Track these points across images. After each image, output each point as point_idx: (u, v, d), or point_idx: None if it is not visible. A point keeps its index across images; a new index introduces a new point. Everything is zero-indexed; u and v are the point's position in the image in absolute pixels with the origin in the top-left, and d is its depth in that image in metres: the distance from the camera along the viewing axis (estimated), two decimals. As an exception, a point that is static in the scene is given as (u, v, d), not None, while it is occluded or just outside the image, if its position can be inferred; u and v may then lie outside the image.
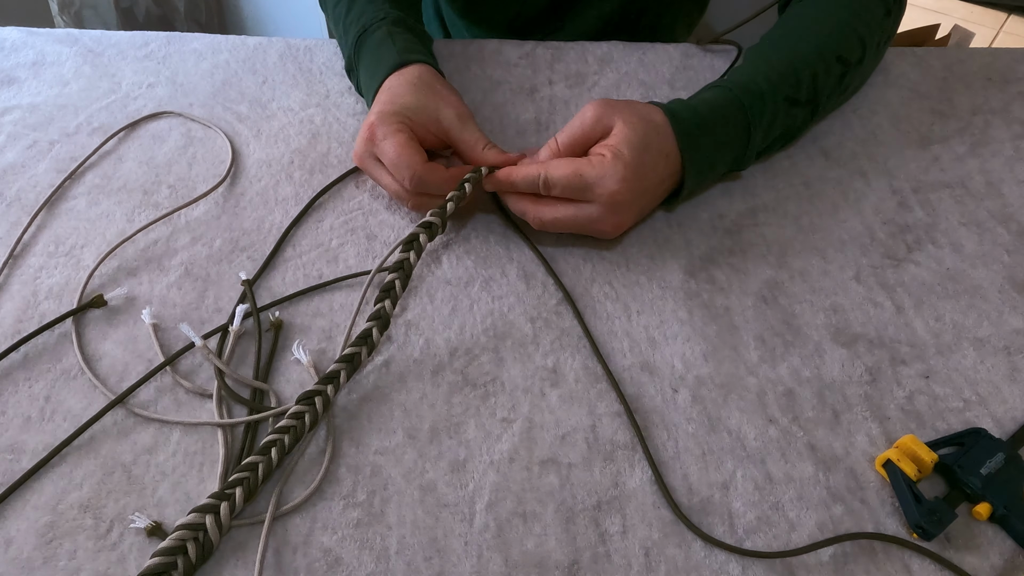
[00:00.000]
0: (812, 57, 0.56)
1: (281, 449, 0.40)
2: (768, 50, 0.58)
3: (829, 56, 0.56)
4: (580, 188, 0.48)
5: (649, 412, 0.44)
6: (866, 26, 0.58)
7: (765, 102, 0.53)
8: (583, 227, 0.50)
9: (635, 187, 0.48)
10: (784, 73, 0.54)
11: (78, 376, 0.45)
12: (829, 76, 0.56)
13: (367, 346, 0.44)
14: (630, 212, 0.50)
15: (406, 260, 0.47)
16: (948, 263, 0.52)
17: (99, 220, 0.54)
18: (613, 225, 0.50)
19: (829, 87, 0.57)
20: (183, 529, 0.36)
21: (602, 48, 0.71)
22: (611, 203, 0.48)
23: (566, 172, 0.48)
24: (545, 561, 0.38)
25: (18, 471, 0.40)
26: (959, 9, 1.82)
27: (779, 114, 0.54)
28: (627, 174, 0.47)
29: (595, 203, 0.48)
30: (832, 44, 0.57)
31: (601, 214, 0.49)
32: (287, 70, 0.68)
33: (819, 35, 0.57)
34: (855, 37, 0.58)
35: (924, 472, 0.41)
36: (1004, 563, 0.38)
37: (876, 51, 0.61)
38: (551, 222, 0.50)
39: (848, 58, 0.57)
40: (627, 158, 0.47)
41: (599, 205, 0.48)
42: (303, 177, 0.58)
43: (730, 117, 0.52)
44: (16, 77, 0.66)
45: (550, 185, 0.48)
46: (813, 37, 0.57)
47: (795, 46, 0.57)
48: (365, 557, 0.38)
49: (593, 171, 0.48)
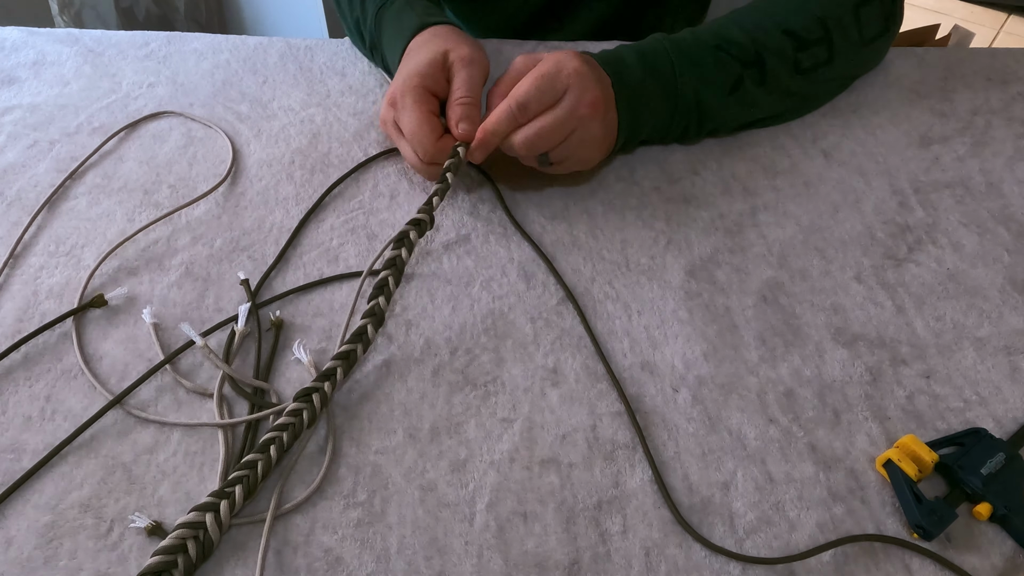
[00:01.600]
0: (749, 25, 0.57)
1: (280, 447, 0.40)
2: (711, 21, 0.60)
3: (770, 26, 0.57)
4: (549, 87, 0.50)
5: (649, 412, 0.44)
6: (825, 8, 0.59)
7: (684, 41, 0.56)
8: (568, 123, 0.50)
9: (588, 63, 0.51)
10: (712, 29, 0.57)
11: (79, 376, 0.45)
12: (772, 45, 0.57)
13: (362, 343, 0.44)
14: (596, 87, 0.51)
15: (398, 256, 0.47)
16: (949, 263, 0.52)
17: (100, 220, 0.54)
18: (589, 105, 0.50)
19: (775, 57, 0.57)
20: (183, 528, 0.36)
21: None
22: (579, 80, 0.50)
23: (530, 83, 0.50)
24: (545, 561, 0.38)
25: (18, 471, 0.40)
26: (959, 9, 1.82)
27: (706, 57, 0.55)
28: (578, 56, 0.51)
29: (567, 91, 0.50)
30: (776, 18, 0.58)
31: (575, 99, 0.50)
32: (288, 70, 0.68)
33: (761, 11, 0.59)
34: (810, 16, 0.58)
35: (924, 472, 0.41)
36: (1005, 563, 0.38)
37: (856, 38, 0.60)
38: (537, 136, 0.50)
39: (800, 35, 0.58)
40: (569, 52, 0.51)
41: (570, 90, 0.50)
42: (304, 177, 0.58)
43: (645, 52, 0.55)
44: (16, 77, 0.66)
45: (523, 105, 0.50)
46: (754, 12, 0.59)
47: (736, 17, 0.59)
48: (366, 557, 0.38)
49: (549, 66, 0.50)
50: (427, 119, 0.53)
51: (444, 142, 0.53)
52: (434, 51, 0.54)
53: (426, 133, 0.52)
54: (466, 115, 0.52)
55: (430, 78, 0.53)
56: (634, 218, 0.55)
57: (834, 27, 0.59)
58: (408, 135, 0.53)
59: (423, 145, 0.52)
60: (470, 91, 0.53)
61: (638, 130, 0.56)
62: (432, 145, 0.52)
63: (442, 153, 0.52)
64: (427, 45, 0.55)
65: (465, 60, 0.54)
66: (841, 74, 0.64)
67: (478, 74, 0.54)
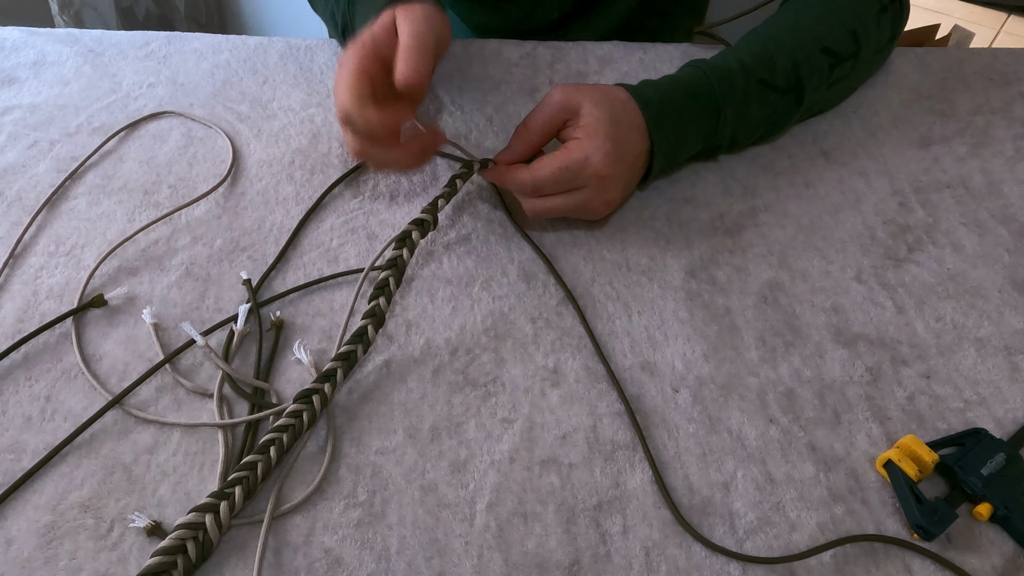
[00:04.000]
0: (791, 46, 0.56)
1: (280, 448, 0.40)
2: (748, 38, 0.58)
3: (811, 46, 0.57)
4: (569, 179, 0.49)
5: (649, 412, 0.44)
6: (858, 20, 0.59)
7: (734, 81, 0.54)
8: (575, 212, 0.51)
9: (617, 161, 0.49)
10: (759, 57, 0.55)
11: (79, 376, 0.45)
12: (813, 66, 0.56)
13: (363, 343, 0.44)
14: (617, 187, 0.50)
15: (399, 257, 0.47)
16: (949, 263, 0.52)
17: (100, 220, 0.54)
18: (603, 203, 0.50)
19: (814, 78, 0.57)
20: (182, 528, 0.36)
21: (603, 48, 0.70)
22: (599, 183, 0.49)
23: (553, 169, 0.49)
24: (546, 561, 0.38)
25: (18, 471, 0.40)
26: (959, 9, 1.82)
27: (752, 95, 0.54)
28: (608, 149, 0.48)
29: (585, 187, 0.49)
30: (816, 35, 0.57)
31: (591, 195, 0.49)
32: (288, 70, 0.68)
33: (802, 26, 0.58)
34: (844, 30, 0.58)
35: (925, 472, 0.41)
36: (1005, 563, 0.38)
37: (874, 46, 0.61)
38: (543, 211, 0.51)
39: (836, 50, 0.57)
40: (603, 133, 0.48)
41: (589, 188, 0.49)
42: (304, 177, 0.58)
43: (698, 93, 0.53)
44: (17, 77, 0.66)
45: (540, 188, 0.49)
46: (795, 28, 0.58)
47: (775, 36, 0.57)
48: (366, 557, 0.38)
49: (576, 157, 0.48)
50: (355, 77, 0.46)
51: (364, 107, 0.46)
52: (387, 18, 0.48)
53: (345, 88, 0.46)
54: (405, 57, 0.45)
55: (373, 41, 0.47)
56: (634, 218, 0.55)
57: (862, 37, 0.59)
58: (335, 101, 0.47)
59: (339, 100, 0.46)
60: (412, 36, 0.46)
61: (669, 168, 0.56)
62: (350, 103, 0.45)
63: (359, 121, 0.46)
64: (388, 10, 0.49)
65: (409, 15, 0.47)
66: (859, 82, 0.64)
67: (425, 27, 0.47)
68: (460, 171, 0.51)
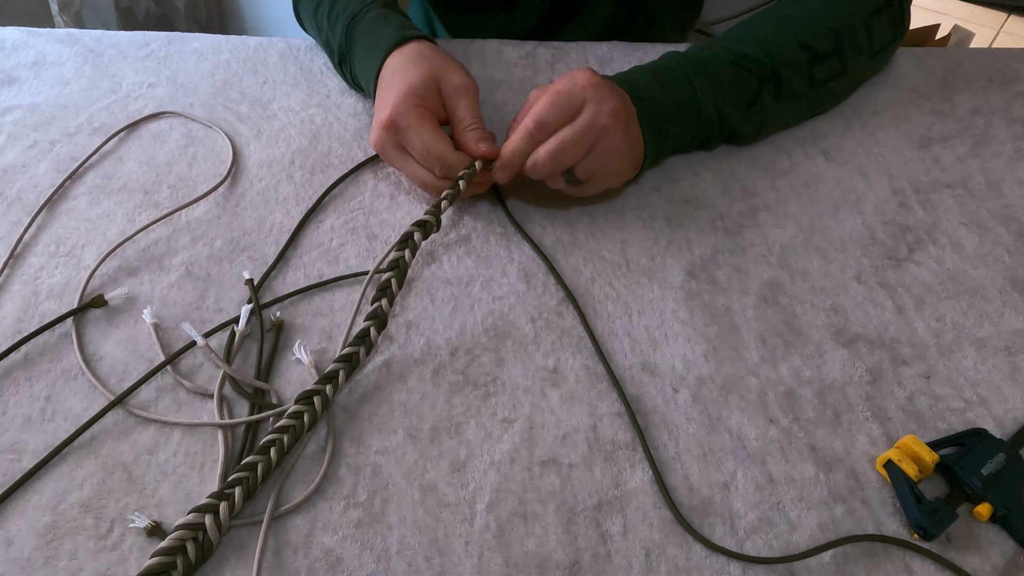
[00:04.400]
0: (766, 38, 0.57)
1: (280, 449, 0.40)
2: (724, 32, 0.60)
3: (786, 40, 0.57)
4: (565, 102, 0.49)
5: (650, 412, 0.44)
6: (842, 20, 0.59)
7: (706, 63, 0.55)
8: (590, 134, 0.49)
9: (603, 80, 0.50)
10: (731, 47, 0.57)
11: (79, 376, 0.45)
12: (789, 58, 0.57)
13: (365, 345, 0.44)
14: (614, 95, 0.50)
15: (401, 258, 0.47)
16: (949, 263, 0.52)
17: (100, 220, 0.54)
18: (610, 115, 0.49)
19: (792, 72, 0.57)
20: (182, 529, 0.36)
21: (602, 48, 0.71)
22: (593, 91, 0.49)
23: (545, 101, 0.49)
24: (546, 561, 0.38)
25: (19, 471, 0.40)
26: (959, 9, 1.82)
27: (724, 74, 0.55)
28: (587, 69, 0.50)
29: (585, 106, 0.49)
30: (793, 32, 0.58)
31: (594, 109, 0.49)
32: (288, 70, 0.68)
33: (780, 22, 0.59)
34: (825, 28, 0.58)
35: (925, 472, 0.41)
36: (1005, 563, 0.38)
37: (866, 48, 0.61)
38: (560, 148, 0.49)
39: (814, 46, 0.58)
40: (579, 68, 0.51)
41: (588, 104, 0.49)
42: (304, 177, 0.58)
43: (665, 71, 0.55)
44: (17, 77, 0.66)
45: (541, 123, 0.49)
46: (770, 21, 0.59)
47: (750, 30, 0.59)
48: (366, 557, 0.38)
49: (562, 82, 0.50)
50: (440, 133, 0.52)
51: (461, 157, 0.52)
52: (426, 72, 0.53)
53: (441, 146, 0.51)
54: (483, 137, 0.52)
55: (428, 99, 0.52)
56: (634, 218, 0.55)
57: (847, 39, 0.59)
58: (422, 152, 0.51)
59: (442, 159, 0.51)
60: (476, 117, 0.53)
61: (664, 144, 0.55)
62: (449, 157, 0.51)
63: (458, 168, 0.51)
64: (414, 65, 0.53)
65: (461, 89, 0.53)
66: (853, 84, 0.64)
67: (476, 101, 0.54)
68: (464, 172, 0.51)
